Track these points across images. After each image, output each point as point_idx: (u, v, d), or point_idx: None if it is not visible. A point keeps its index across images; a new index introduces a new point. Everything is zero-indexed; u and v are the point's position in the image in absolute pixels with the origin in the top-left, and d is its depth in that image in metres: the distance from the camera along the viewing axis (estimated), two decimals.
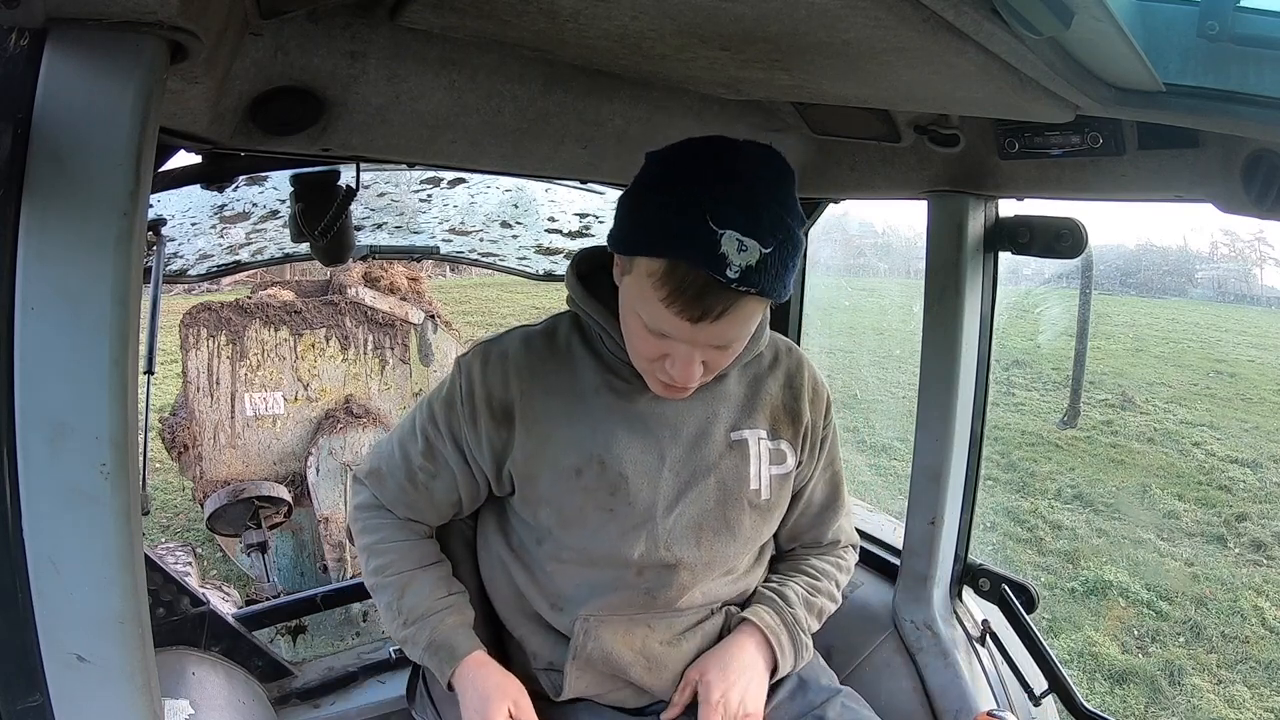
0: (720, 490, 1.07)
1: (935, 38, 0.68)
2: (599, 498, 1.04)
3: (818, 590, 1.19)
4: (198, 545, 5.46)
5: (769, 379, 1.13)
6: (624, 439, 1.04)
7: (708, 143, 0.89)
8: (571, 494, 1.04)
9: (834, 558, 1.25)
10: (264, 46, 0.81)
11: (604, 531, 1.04)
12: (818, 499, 1.21)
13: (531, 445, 1.04)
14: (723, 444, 1.08)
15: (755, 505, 1.10)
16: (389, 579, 1.10)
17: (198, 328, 4.89)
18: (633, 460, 1.04)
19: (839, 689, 1.19)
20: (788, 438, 1.12)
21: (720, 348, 0.93)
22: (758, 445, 1.09)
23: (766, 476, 1.10)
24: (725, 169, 0.85)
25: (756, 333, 1.05)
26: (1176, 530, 6.57)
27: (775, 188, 0.86)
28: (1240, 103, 0.76)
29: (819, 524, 1.23)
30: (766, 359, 1.14)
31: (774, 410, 1.12)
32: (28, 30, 0.53)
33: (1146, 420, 8.91)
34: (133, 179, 0.55)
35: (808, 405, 1.14)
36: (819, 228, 1.81)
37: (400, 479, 1.11)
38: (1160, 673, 4.68)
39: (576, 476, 1.03)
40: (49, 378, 0.55)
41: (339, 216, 1.34)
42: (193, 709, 1.22)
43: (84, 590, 0.58)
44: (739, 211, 0.83)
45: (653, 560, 1.05)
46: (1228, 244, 16.90)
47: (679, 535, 1.05)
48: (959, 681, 1.44)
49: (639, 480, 1.04)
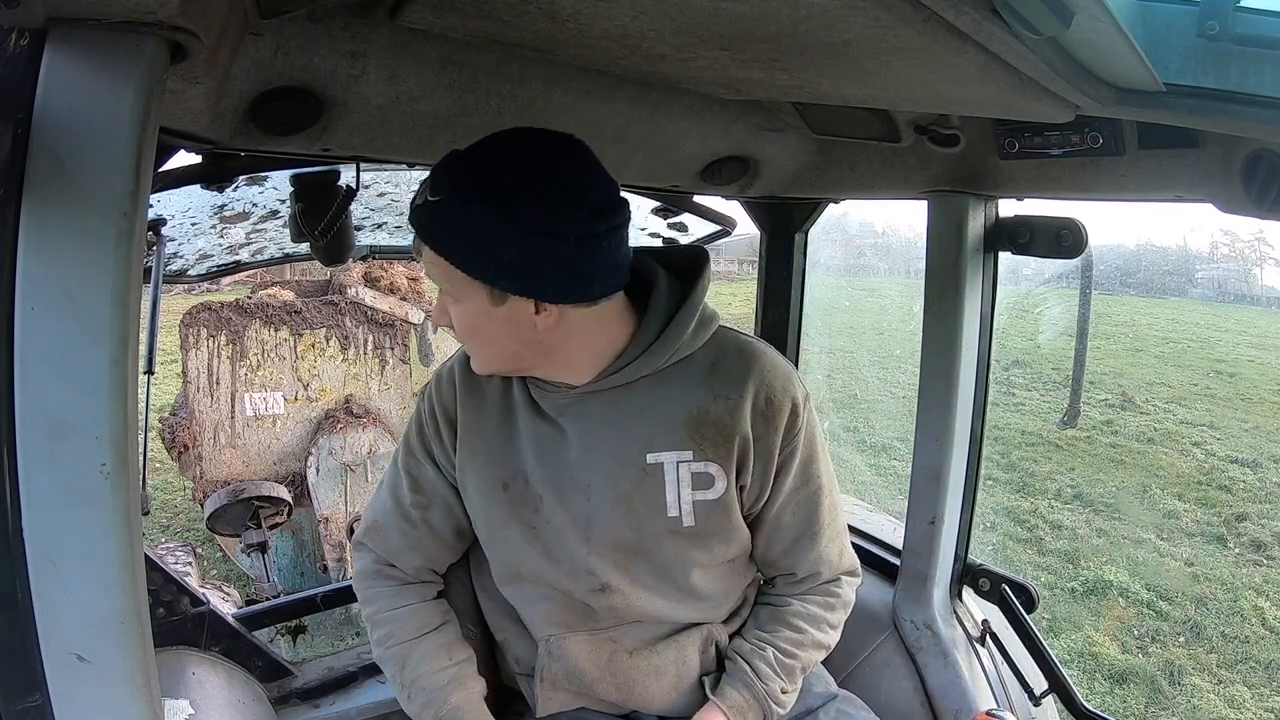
0: (632, 516, 1.00)
1: (935, 38, 0.68)
2: (524, 514, 1.02)
3: (800, 645, 1.08)
4: (198, 545, 5.45)
5: (698, 389, 1.00)
6: (543, 457, 1.01)
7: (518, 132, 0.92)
8: (499, 508, 1.03)
9: (821, 597, 1.12)
10: (264, 46, 0.81)
11: (530, 550, 1.03)
12: (787, 524, 1.08)
13: (464, 457, 1.05)
14: (636, 468, 0.99)
15: (678, 532, 1.01)
16: (390, 650, 1.08)
17: (198, 328, 4.89)
18: (549, 479, 1.01)
19: (835, 693, 1.19)
20: (718, 459, 1.00)
21: (442, 281, 0.94)
22: (676, 470, 0.99)
23: (688, 503, 1.00)
24: (500, 140, 0.89)
25: (668, 334, 0.98)
26: (1176, 530, 6.56)
27: (493, 163, 0.87)
28: (1240, 103, 0.76)
29: (792, 554, 1.10)
30: (701, 363, 1.02)
31: (699, 424, 1.00)
32: (28, 30, 0.53)
33: (1146, 420, 8.91)
34: (133, 179, 0.55)
35: (751, 420, 1.00)
36: (819, 228, 1.81)
37: (398, 523, 1.10)
38: (1160, 673, 4.67)
39: (504, 490, 1.03)
40: (49, 378, 0.55)
41: (339, 216, 1.34)
42: (193, 709, 1.21)
43: (84, 590, 0.58)
44: (449, 165, 0.89)
45: (581, 582, 1.03)
46: (1228, 244, 16.91)
47: (600, 559, 1.02)
48: (959, 681, 1.44)
49: (553, 501, 1.01)
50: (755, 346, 1.05)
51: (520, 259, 0.86)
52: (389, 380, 5.48)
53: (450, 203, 0.87)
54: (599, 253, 0.89)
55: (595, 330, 0.96)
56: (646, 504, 1.00)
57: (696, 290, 1.02)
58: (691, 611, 1.07)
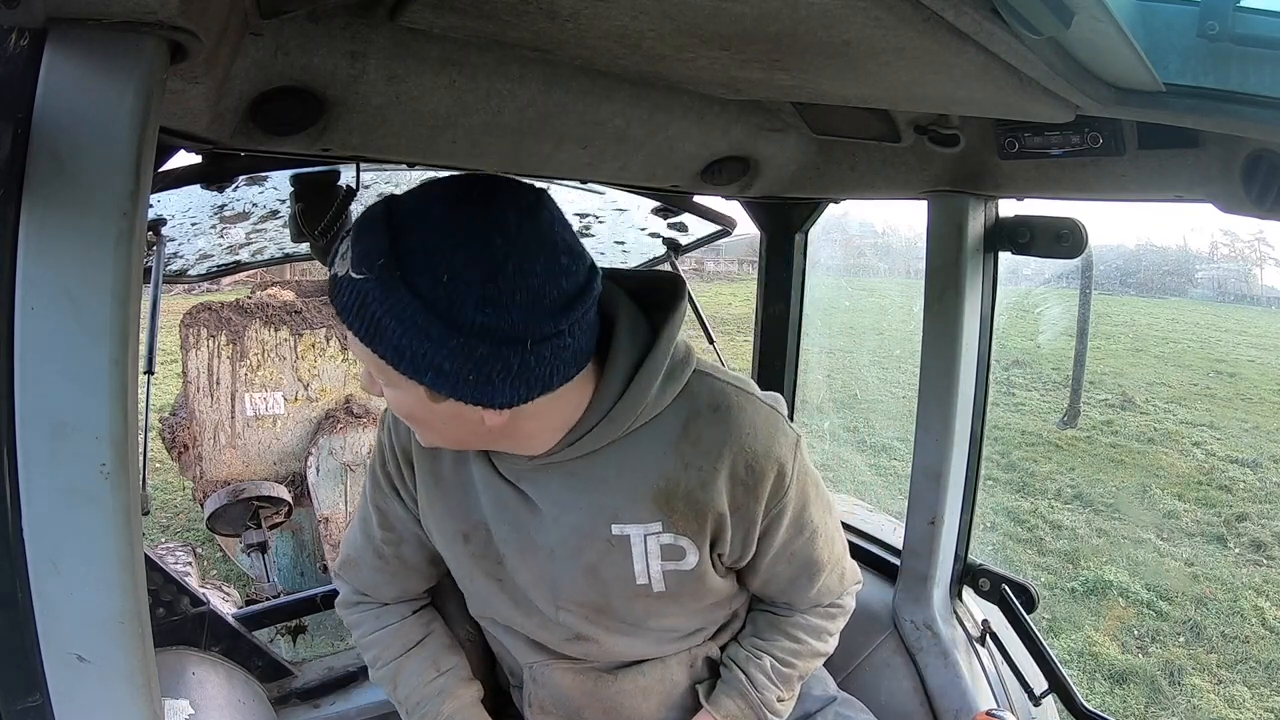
0: (599, 584, 0.95)
1: (935, 38, 0.68)
2: (488, 566, 0.98)
3: (798, 655, 1.06)
4: (198, 545, 5.45)
5: (667, 456, 0.90)
6: (502, 516, 0.95)
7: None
8: (462, 559, 1.00)
9: (821, 613, 1.08)
10: (264, 46, 0.81)
11: (500, 600, 1.00)
12: (782, 572, 1.02)
13: (423, 503, 0.99)
14: (600, 539, 0.92)
15: (648, 596, 0.96)
16: (381, 672, 1.09)
17: (198, 328, 4.88)
18: (509, 539, 0.95)
19: (834, 696, 1.19)
20: (689, 533, 0.91)
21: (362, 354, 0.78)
22: (644, 544, 0.92)
23: (658, 573, 0.94)
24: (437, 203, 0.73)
25: (629, 398, 0.86)
26: (1176, 530, 6.56)
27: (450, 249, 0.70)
28: (1240, 103, 0.76)
29: (790, 592, 1.05)
30: (671, 425, 0.90)
31: (669, 497, 0.90)
32: (28, 30, 0.53)
33: (1146, 420, 8.91)
34: (133, 179, 0.55)
35: (726, 491, 0.90)
36: (819, 228, 1.81)
37: (371, 559, 1.08)
38: (1160, 673, 4.67)
39: (464, 542, 0.98)
40: (49, 378, 0.55)
41: (339, 216, 1.34)
42: (193, 709, 1.22)
43: (84, 590, 0.58)
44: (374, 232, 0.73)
45: (551, 633, 1.01)
46: (1228, 244, 16.91)
47: (570, 614, 0.98)
48: (959, 681, 1.44)
49: (515, 560, 0.96)
50: (733, 401, 0.91)
51: (462, 367, 0.72)
52: None
53: (375, 287, 0.71)
54: (562, 350, 0.76)
55: (553, 409, 0.84)
56: (613, 573, 0.94)
57: (661, 340, 0.88)
58: (674, 645, 1.05)
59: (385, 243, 0.71)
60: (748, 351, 1.90)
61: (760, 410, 0.93)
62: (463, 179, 0.77)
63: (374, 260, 0.71)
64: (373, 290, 0.71)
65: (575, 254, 0.76)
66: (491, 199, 0.73)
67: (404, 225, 0.72)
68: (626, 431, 0.88)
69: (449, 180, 0.76)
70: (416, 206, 0.73)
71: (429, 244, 0.70)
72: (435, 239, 0.71)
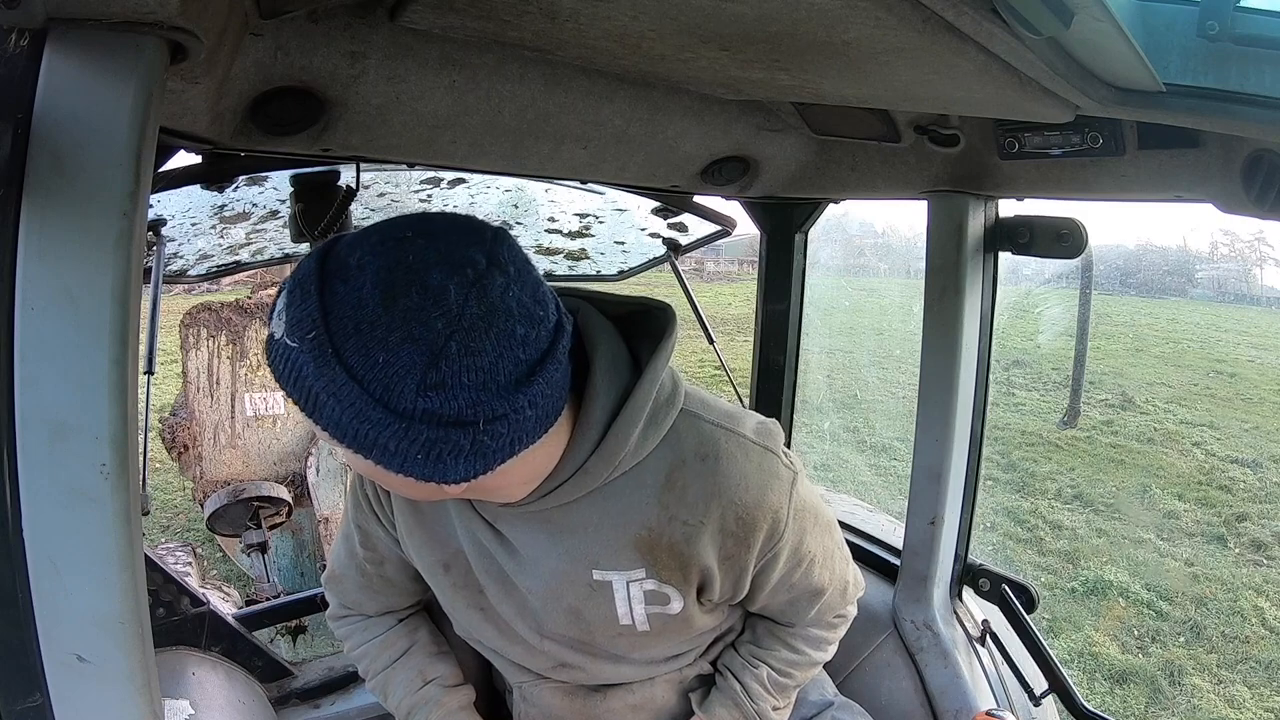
0: (582, 624, 0.93)
1: (935, 38, 0.68)
2: (469, 595, 0.97)
3: (796, 665, 1.04)
4: (198, 545, 5.45)
5: (649, 507, 0.85)
6: (480, 551, 0.92)
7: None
8: (443, 588, 0.99)
9: (824, 624, 1.06)
10: (264, 46, 0.81)
11: (484, 627, 0.99)
12: (783, 600, 1.00)
13: (402, 530, 0.97)
14: (581, 584, 0.89)
15: (633, 634, 0.94)
16: (373, 682, 1.10)
17: (198, 328, 4.89)
18: (488, 574, 0.93)
19: (832, 700, 1.18)
20: (673, 582, 0.89)
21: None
22: (626, 589, 0.89)
23: (642, 616, 0.91)
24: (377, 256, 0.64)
25: (606, 446, 0.80)
26: (1176, 530, 6.56)
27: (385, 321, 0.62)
28: (1240, 103, 0.77)
29: (790, 613, 1.03)
30: (654, 474, 0.85)
31: (651, 548, 0.86)
32: (28, 30, 0.53)
33: (1146, 420, 8.91)
34: (133, 179, 0.55)
35: (720, 543, 0.86)
36: (819, 228, 1.81)
37: (354, 575, 1.07)
38: (1160, 673, 4.67)
39: (445, 571, 0.96)
40: (49, 378, 0.55)
41: (339, 216, 1.34)
42: (193, 709, 1.22)
43: (84, 590, 0.58)
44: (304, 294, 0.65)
45: (537, 661, 1.00)
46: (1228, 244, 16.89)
47: (555, 644, 0.97)
48: (959, 681, 1.44)
49: (497, 593, 0.94)
50: (722, 449, 0.85)
51: (409, 449, 0.65)
52: None
53: (309, 360, 0.64)
54: (521, 423, 0.69)
55: (520, 467, 0.77)
56: (596, 614, 0.91)
57: (643, 383, 0.81)
58: (662, 668, 1.04)
59: (317, 313, 0.63)
60: (748, 351, 1.90)
61: (752, 455, 0.87)
62: (400, 235, 0.66)
63: (305, 331, 0.63)
64: (307, 363, 0.64)
65: (534, 320, 0.68)
66: (429, 269, 0.63)
67: (336, 295, 0.63)
68: (605, 481, 0.83)
69: (385, 236, 0.66)
70: (351, 272, 0.64)
71: (361, 322, 0.62)
72: (369, 316, 0.62)
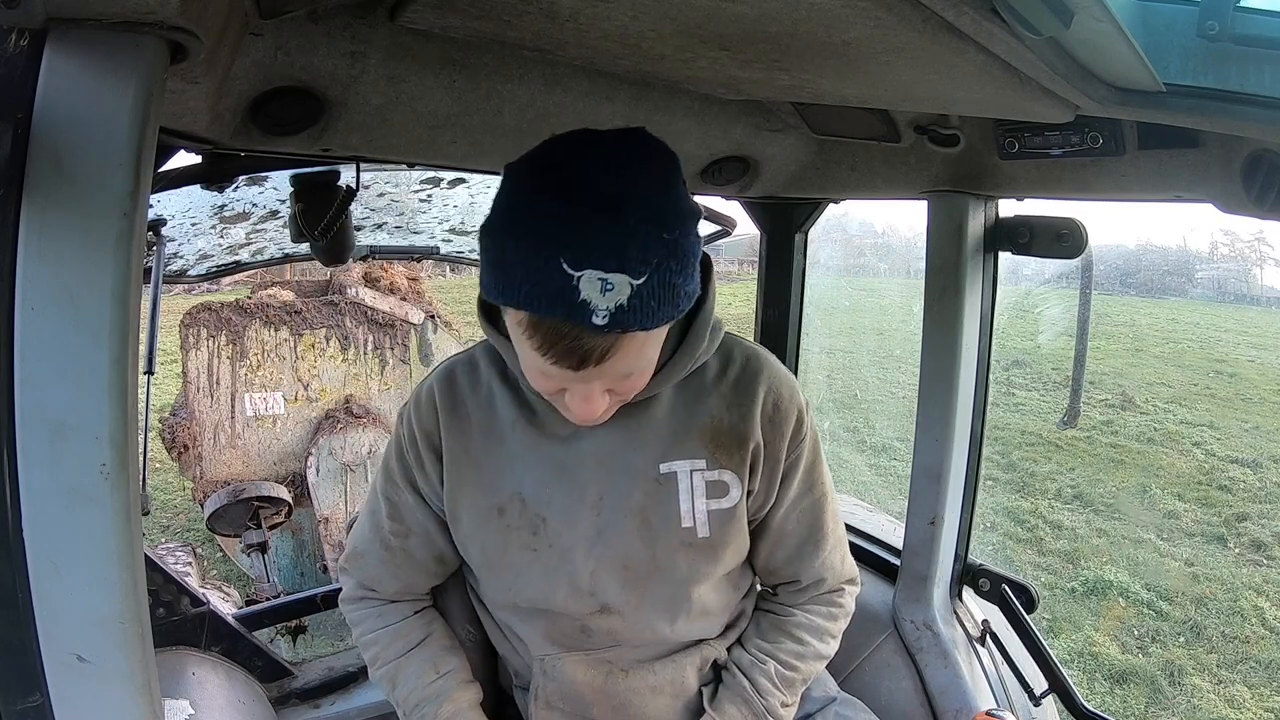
0: (646, 530, 0.97)
1: (935, 38, 0.68)
2: (522, 537, 1.00)
3: (802, 658, 1.07)
4: (198, 545, 5.45)
5: (711, 395, 0.99)
6: (542, 477, 0.98)
7: (559, 149, 0.77)
8: (495, 534, 1.00)
9: (824, 607, 1.10)
10: (264, 46, 0.81)
11: (528, 573, 1.00)
12: (792, 531, 1.06)
13: (452, 484, 1.01)
14: (649, 479, 0.97)
15: (691, 544, 0.99)
16: (380, 671, 1.09)
17: (198, 328, 4.89)
18: (550, 500, 0.98)
19: (834, 696, 1.18)
20: (731, 466, 0.98)
21: (622, 378, 0.83)
22: (690, 479, 0.97)
23: (703, 513, 0.98)
24: (578, 185, 0.72)
25: (688, 344, 0.95)
26: (1176, 530, 6.56)
27: (643, 195, 0.72)
28: (1240, 103, 0.77)
29: (796, 561, 1.08)
30: (712, 370, 1.01)
31: (714, 433, 0.98)
32: (28, 30, 0.53)
33: (1146, 420, 8.91)
34: (133, 179, 0.55)
35: (760, 425, 0.99)
36: (819, 228, 1.81)
37: (378, 551, 1.09)
38: (1160, 673, 4.67)
39: (499, 515, 0.99)
40: (49, 378, 0.55)
41: (339, 216, 1.34)
42: (193, 709, 1.21)
43: (84, 590, 0.58)
44: (596, 243, 0.70)
45: (579, 604, 1.00)
46: (1228, 244, 16.89)
47: (602, 578, 0.99)
48: (959, 681, 1.44)
49: (557, 520, 0.98)
50: (761, 352, 1.05)
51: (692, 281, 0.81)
52: (389, 380, 5.47)
53: (660, 264, 0.74)
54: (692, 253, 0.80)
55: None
56: (660, 515, 0.97)
57: (708, 300, 0.96)
58: (690, 630, 1.05)
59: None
60: None
61: (780, 366, 1.05)
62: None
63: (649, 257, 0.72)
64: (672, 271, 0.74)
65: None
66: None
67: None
68: (680, 376, 0.96)
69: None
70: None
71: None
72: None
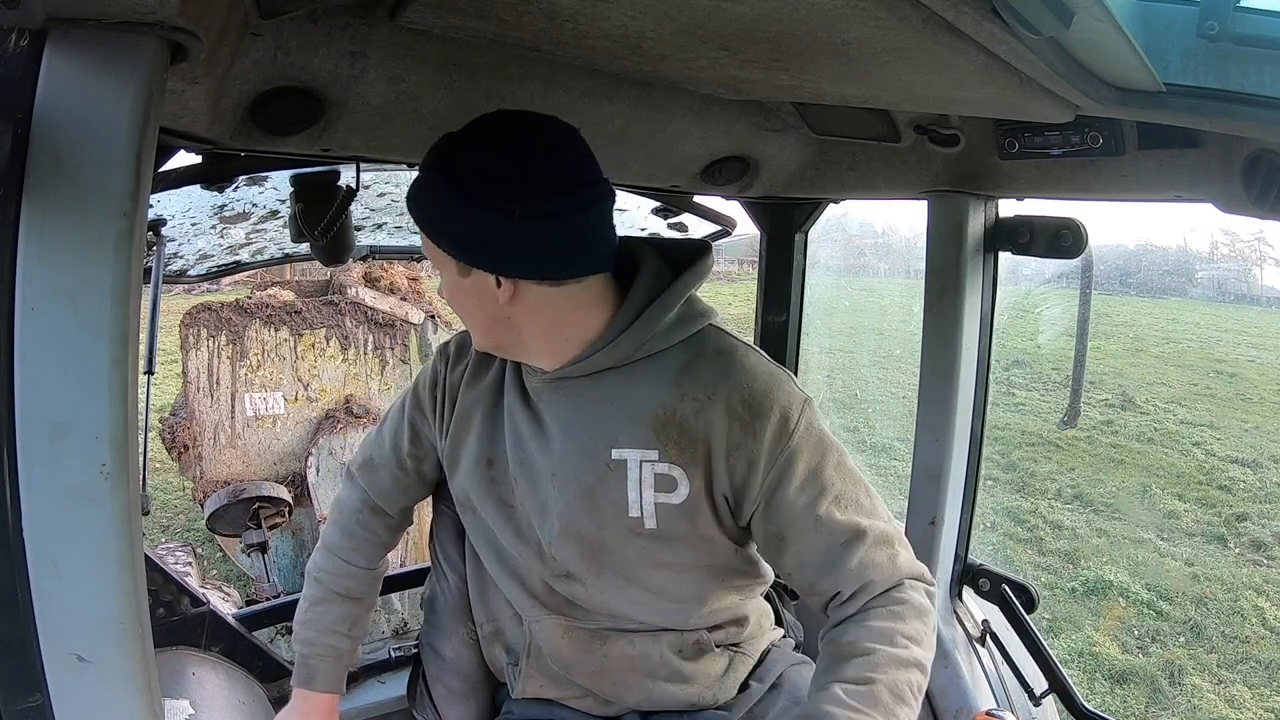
0: (595, 511, 0.98)
1: (935, 38, 0.68)
2: (502, 492, 1.05)
3: (875, 667, 0.88)
4: (198, 545, 5.45)
5: (667, 385, 0.96)
6: (518, 441, 1.03)
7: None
8: (481, 484, 1.06)
9: (882, 608, 0.93)
10: (264, 46, 0.81)
11: (505, 531, 1.06)
12: (812, 541, 0.95)
13: (457, 433, 1.08)
14: (600, 463, 0.97)
15: (640, 534, 0.98)
16: (314, 581, 1.18)
17: (198, 328, 4.88)
18: (521, 462, 1.02)
19: None
20: (680, 462, 0.95)
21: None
22: (640, 470, 0.96)
23: (650, 505, 0.96)
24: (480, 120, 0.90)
25: (636, 327, 0.95)
26: (1176, 530, 6.56)
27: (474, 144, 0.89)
28: (1240, 103, 0.77)
29: (829, 571, 0.95)
30: (676, 361, 0.97)
31: (664, 424, 0.95)
32: (28, 30, 0.53)
33: (1146, 420, 8.90)
34: (133, 179, 0.55)
35: (727, 425, 0.93)
36: (819, 228, 1.81)
37: (392, 469, 1.16)
38: (1160, 673, 4.67)
39: (488, 467, 1.05)
40: (49, 378, 0.55)
41: (339, 216, 1.34)
42: (193, 709, 1.21)
43: (84, 590, 0.58)
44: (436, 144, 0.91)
45: (545, 566, 1.04)
46: (1228, 244, 16.85)
47: (560, 545, 1.01)
48: (959, 681, 1.44)
49: (524, 484, 1.02)
50: (739, 349, 0.99)
51: (470, 232, 0.89)
52: (389, 380, 5.47)
53: (422, 178, 0.92)
54: (552, 233, 0.88)
55: (563, 313, 0.94)
56: (608, 500, 0.97)
57: (678, 283, 0.98)
58: (662, 613, 1.04)
59: (434, 148, 0.91)
60: None
61: (766, 365, 0.99)
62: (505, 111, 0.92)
63: (424, 161, 0.92)
64: (419, 182, 0.93)
65: (580, 164, 0.90)
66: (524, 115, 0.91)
67: (449, 135, 0.92)
68: (632, 359, 0.96)
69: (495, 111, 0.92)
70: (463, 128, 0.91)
71: (456, 143, 0.90)
72: (465, 138, 0.90)
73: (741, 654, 1.11)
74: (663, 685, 1.06)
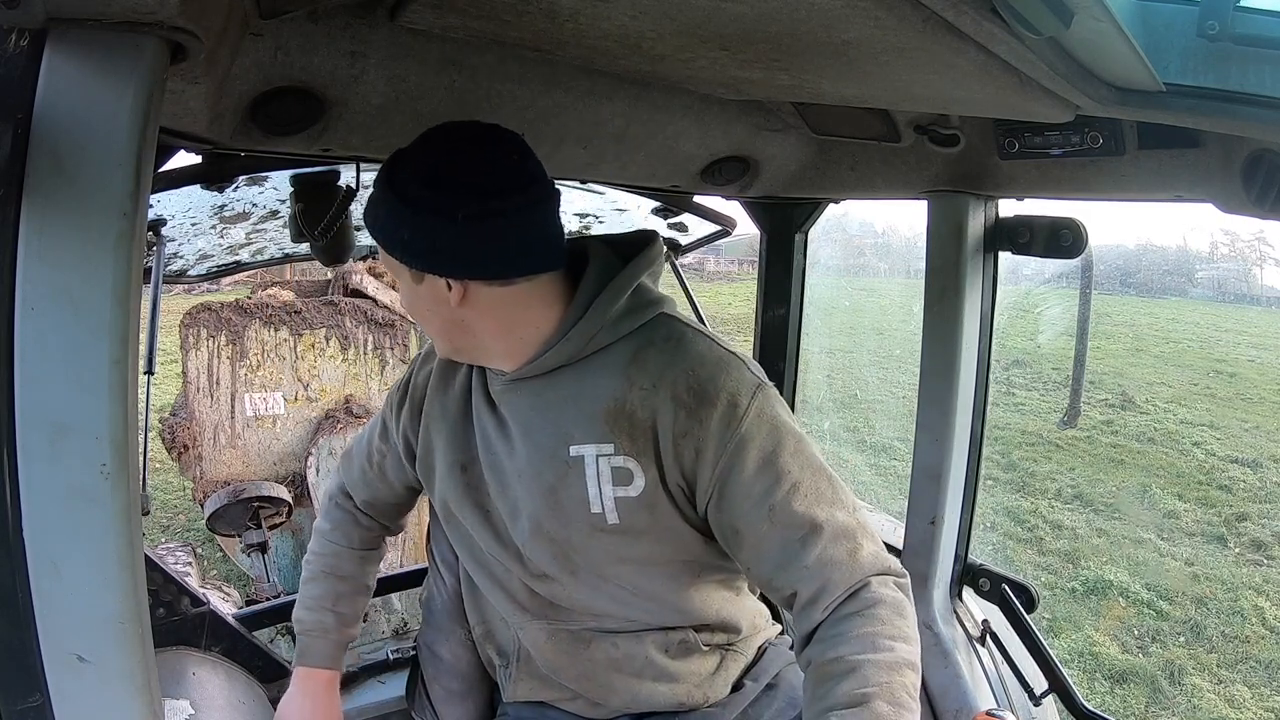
0: (559, 510, 0.98)
1: (935, 38, 0.68)
2: (478, 497, 1.06)
3: (860, 669, 0.85)
4: (198, 545, 5.45)
5: (617, 376, 0.96)
6: (487, 444, 1.04)
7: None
8: (458, 489, 1.06)
9: (851, 613, 0.89)
10: (264, 46, 0.81)
11: (484, 535, 1.06)
12: (767, 533, 0.92)
13: (427, 440, 1.10)
14: (559, 460, 0.97)
15: (603, 530, 0.97)
16: (305, 564, 1.24)
17: (198, 328, 4.88)
18: (491, 465, 1.03)
19: None
20: (633, 453, 0.94)
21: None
22: (597, 465, 0.95)
23: (610, 499, 0.96)
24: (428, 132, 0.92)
25: (582, 324, 0.95)
26: (1176, 530, 6.56)
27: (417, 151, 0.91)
28: (1240, 103, 0.77)
29: (787, 568, 0.92)
30: (625, 352, 0.96)
31: (616, 416, 0.95)
32: (28, 30, 0.53)
33: (1146, 420, 8.90)
34: (133, 179, 0.56)
35: (673, 412, 0.92)
36: (819, 228, 1.81)
37: (362, 460, 1.22)
38: (1160, 672, 4.67)
39: (462, 472, 1.06)
40: (49, 378, 0.55)
41: (339, 216, 1.34)
42: (193, 709, 1.21)
43: (84, 590, 0.58)
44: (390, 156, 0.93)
45: (522, 568, 1.05)
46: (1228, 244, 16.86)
47: (532, 546, 1.01)
48: (959, 681, 1.44)
49: (495, 487, 1.03)
50: (687, 335, 0.98)
51: (418, 239, 0.90)
52: (389, 380, 5.46)
53: (374, 193, 0.93)
54: (495, 233, 0.88)
55: (516, 312, 0.95)
56: (570, 497, 0.97)
57: (622, 274, 0.98)
58: (643, 611, 1.03)
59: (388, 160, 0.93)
60: (748, 351, 1.90)
61: (716, 350, 0.97)
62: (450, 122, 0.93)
63: (378, 172, 0.93)
64: (373, 191, 0.94)
65: (522, 167, 0.91)
66: (467, 124, 0.92)
67: (401, 149, 0.93)
68: (584, 353, 0.97)
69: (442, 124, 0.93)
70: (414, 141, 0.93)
71: (403, 153, 0.92)
72: (411, 148, 0.92)
73: (734, 652, 1.10)
74: (650, 685, 1.05)
